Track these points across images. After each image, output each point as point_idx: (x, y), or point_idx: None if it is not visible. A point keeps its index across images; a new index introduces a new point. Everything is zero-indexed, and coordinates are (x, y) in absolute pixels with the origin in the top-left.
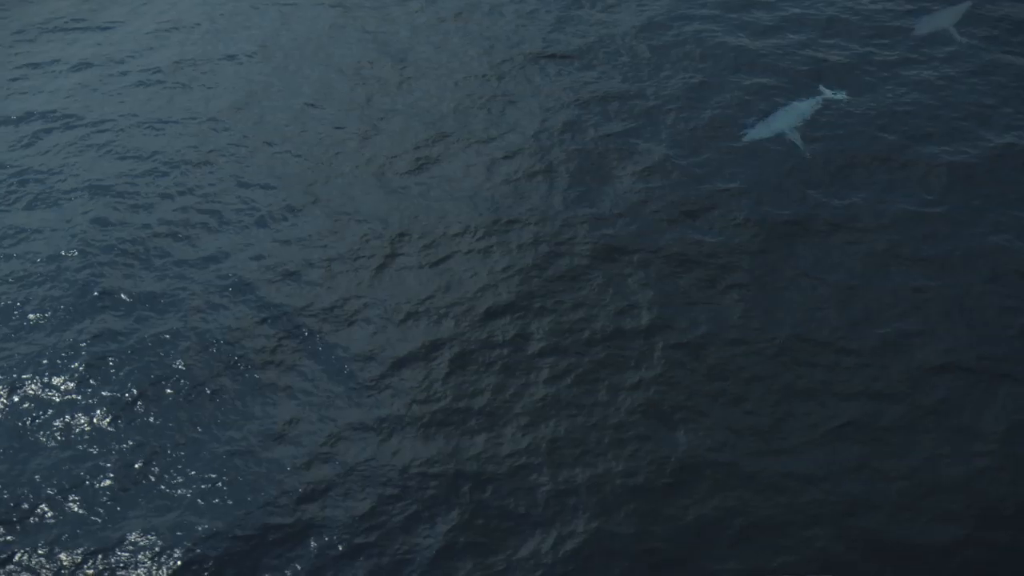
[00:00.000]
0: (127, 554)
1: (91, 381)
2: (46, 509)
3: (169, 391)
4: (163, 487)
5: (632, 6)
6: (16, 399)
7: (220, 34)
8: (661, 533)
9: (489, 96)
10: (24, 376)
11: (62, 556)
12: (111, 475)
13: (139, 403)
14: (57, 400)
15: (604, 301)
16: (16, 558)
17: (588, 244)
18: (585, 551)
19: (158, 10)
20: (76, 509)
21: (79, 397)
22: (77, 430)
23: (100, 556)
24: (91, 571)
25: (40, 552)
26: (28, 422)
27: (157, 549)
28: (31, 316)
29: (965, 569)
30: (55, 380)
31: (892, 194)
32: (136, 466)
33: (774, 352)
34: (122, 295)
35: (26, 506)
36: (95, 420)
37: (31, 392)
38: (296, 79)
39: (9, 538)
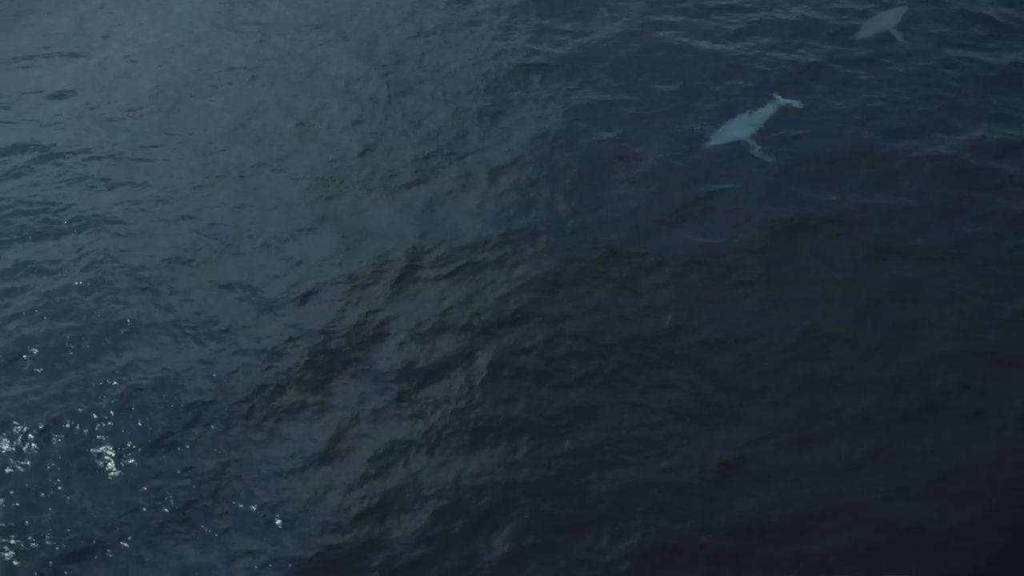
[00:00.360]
0: None
1: (129, 411)
2: (105, 543)
3: (208, 417)
4: (217, 513)
5: (603, 15)
6: (56, 435)
7: (201, 56)
8: (713, 527)
9: (479, 107)
10: (60, 411)
11: None
12: (164, 504)
13: (180, 430)
14: (98, 433)
15: (620, 304)
16: None
17: (598, 249)
18: (643, 547)
19: (135, 33)
20: (134, 541)
21: (119, 429)
22: (122, 462)
23: None
24: None
25: None
26: (71, 457)
27: None
28: (56, 351)
29: (989, 549)
30: (93, 414)
31: (876, 188)
32: (187, 494)
33: (788, 346)
34: (145, 324)
35: (84, 542)
36: (139, 450)
37: (71, 427)
38: (285, 99)
39: (73, 574)
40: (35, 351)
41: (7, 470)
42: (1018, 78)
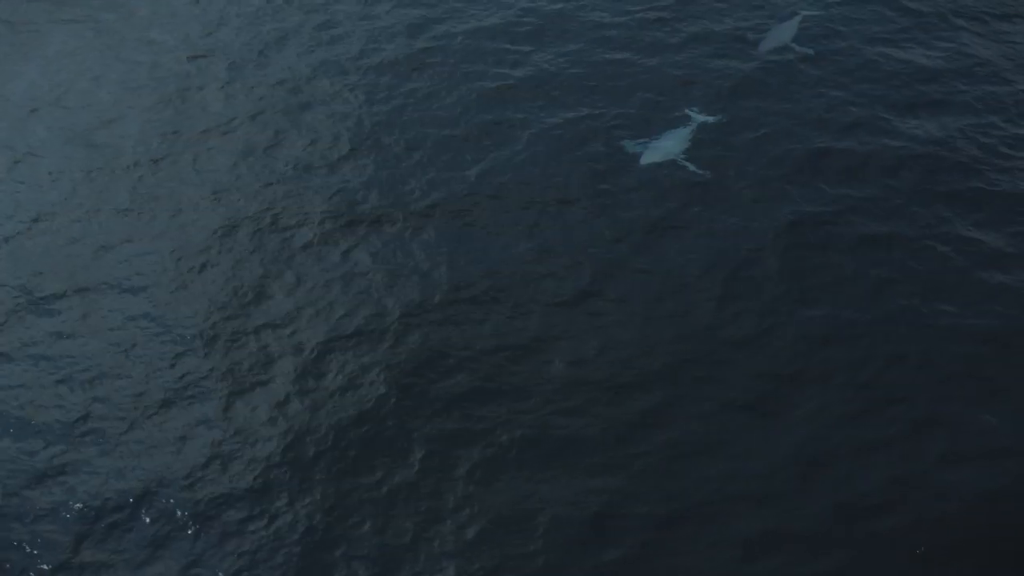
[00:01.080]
0: None
1: (214, 463)
2: None
3: (293, 457)
4: (333, 538)
5: (550, 36)
6: (151, 500)
7: (174, 101)
8: (797, 510)
9: (463, 131)
10: (145, 475)
11: None
12: (282, 547)
13: (271, 474)
14: (192, 489)
15: (654, 308)
16: None
17: (620, 259)
18: (740, 535)
19: (93, 83)
20: None
21: (211, 482)
22: (225, 514)
23: None
24: None
25: None
26: (172, 518)
27: None
28: (117, 414)
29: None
30: (180, 472)
31: (850, 181)
32: (300, 532)
33: (814, 332)
34: (201, 377)
35: None
36: (237, 500)
37: (161, 490)
38: (271, 137)
39: None
40: (96, 417)
41: (110, 539)
42: (948, 65)
